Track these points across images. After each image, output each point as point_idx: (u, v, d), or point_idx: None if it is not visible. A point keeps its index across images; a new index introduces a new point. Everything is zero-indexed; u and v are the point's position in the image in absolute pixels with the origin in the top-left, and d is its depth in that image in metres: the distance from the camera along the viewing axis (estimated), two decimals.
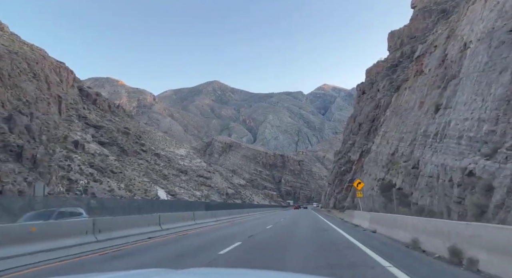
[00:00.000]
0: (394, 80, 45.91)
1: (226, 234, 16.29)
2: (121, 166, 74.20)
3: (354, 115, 65.80)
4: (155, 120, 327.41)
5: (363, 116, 55.70)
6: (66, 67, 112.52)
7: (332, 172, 71.95)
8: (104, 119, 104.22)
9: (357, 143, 53.39)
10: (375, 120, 49.43)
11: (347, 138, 64.66)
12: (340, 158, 66.61)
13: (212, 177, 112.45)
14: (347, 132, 67.85)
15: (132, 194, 57.39)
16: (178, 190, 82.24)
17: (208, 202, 58.45)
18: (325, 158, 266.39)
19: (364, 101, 58.23)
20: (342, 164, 61.59)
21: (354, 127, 60.48)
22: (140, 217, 16.59)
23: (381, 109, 45.34)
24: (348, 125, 69.03)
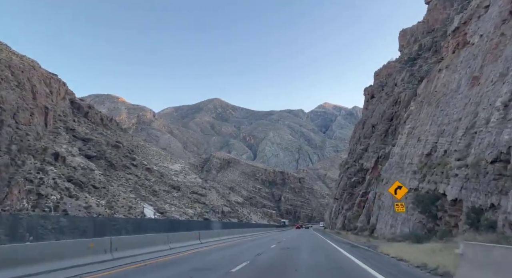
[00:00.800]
0: (415, 71, 41.48)
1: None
2: (106, 181, 68.72)
3: (362, 120, 60.10)
4: (154, 136, 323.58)
5: (376, 118, 50.09)
6: (58, 79, 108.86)
7: (339, 184, 62.73)
8: (94, 132, 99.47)
9: (371, 148, 47.03)
10: (393, 119, 43.80)
11: (354, 147, 58.72)
12: (349, 167, 58.85)
13: (208, 194, 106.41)
14: (354, 140, 61.31)
15: (112, 212, 51.65)
16: (168, 207, 76.29)
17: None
18: (327, 176, 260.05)
19: (375, 103, 53.31)
20: (352, 174, 54.17)
21: (366, 131, 54.32)
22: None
23: (402, 105, 40.18)
24: (355, 133, 63.12)
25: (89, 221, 22.27)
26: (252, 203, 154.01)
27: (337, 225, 56.02)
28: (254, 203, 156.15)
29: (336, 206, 60.87)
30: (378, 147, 44.60)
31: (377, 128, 48.82)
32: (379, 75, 59.94)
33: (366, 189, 42.76)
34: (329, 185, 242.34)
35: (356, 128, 65.21)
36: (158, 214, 69.72)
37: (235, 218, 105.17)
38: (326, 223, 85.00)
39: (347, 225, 45.91)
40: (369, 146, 48.77)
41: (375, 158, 42.85)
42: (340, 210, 56.27)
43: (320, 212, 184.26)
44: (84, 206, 46.93)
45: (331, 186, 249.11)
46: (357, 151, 55.10)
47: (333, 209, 65.28)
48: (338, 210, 58.46)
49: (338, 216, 57.35)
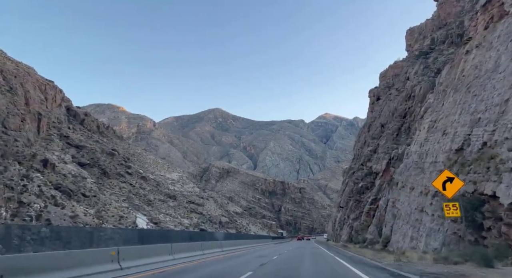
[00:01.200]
0: (430, 63, 38.92)
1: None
2: (98, 189, 65.93)
3: (368, 123, 57.12)
4: (153, 146, 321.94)
5: (385, 117, 46.84)
6: (55, 86, 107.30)
7: (344, 191, 57.03)
8: (89, 139, 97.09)
9: (382, 149, 43.00)
10: (407, 116, 40.41)
11: (359, 152, 55.01)
12: (355, 171, 53.76)
13: (205, 204, 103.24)
14: (359, 145, 57.29)
15: (101, 221, 48.74)
16: (163, 217, 73.21)
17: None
18: (328, 187, 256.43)
19: (383, 103, 50.56)
20: (359, 179, 49.03)
21: (374, 131, 50.40)
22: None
23: (417, 99, 36.98)
24: (360, 137, 59.71)
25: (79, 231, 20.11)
26: (251, 213, 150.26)
27: (342, 237, 50.67)
28: (253, 213, 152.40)
29: (341, 216, 55.31)
30: (389, 147, 40.46)
31: (387, 128, 44.89)
32: (385, 76, 57.47)
33: (376, 195, 38.48)
34: (330, 196, 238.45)
35: (360, 132, 61.92)
36: (152, 224, 66.69)
37: (233, 229, 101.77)
38: (329, 234, 79.22)
39: (354, 237, 41.08)
40: (379, 147, 44.51)
41: (386, 159, 38.65)
42: (345, 220, 50.96)
43: (321, 223, 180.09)
44: (70, 215, 44.08)
45: (332, 196, 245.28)
46: (364, 153, 50.30)
47: (337, 219, 59.90)
48: (343, 220, 53.05)
49: (343, 226, 51.99)
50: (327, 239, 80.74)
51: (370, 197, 41.07)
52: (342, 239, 49.77)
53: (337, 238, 57.61)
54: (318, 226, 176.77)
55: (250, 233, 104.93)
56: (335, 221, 63.71)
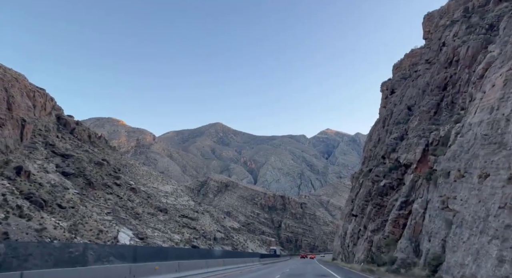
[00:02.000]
0: (475, 23, 32.25)
1: None
2: (79, 200, 60.32)
3: (381, 119, 49.46)
4: (152, 160, 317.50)
5: (414, 97, 39.19)
6: (45, 93, 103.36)
7: (358, 195, 45.81)
8: (79, 149, 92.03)
9: (413, 132, 33.90)
10: (449, 87, 32.53)
11: (370, 153, 47.14)
12: (375, 166, 42.46)
13: (199, 218, 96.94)
14: (372, 144, 49.54)
15: (73, 235, 42.96)
16: (150, 232, 67.16)
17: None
18: (330, 203, 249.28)
19: (404, 89, 43.67)
20: (381, 175, 38.54)
21: (398, 115, 42.02)
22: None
23: (463, 63, 29.74)
24: (372, 136, 51.97)
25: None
26: (249, 229, 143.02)
27: (357, 255, 39.37)
28: (252, 229, 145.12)
29: (354, 227, 43.57)
30: (425, 130, 31.17)
31: (418, 108, 36.43)
32: (400, 67, 52.29)
33: (407, 196, 29.64)
34: (332, 212, 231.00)
35: (372, 131, 55.23)
36: (137, 240, 60.65)
37: (229, 246, 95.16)
38: (335, 252, 67.20)
39: (376, 256, 31.19)
40: (408, 131, 35.69)
41: (421, 145, 29.80)
42: (361, 233, 40.39)
43: (324, 240, 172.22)
44: (36, 228, 38.44)
45: (335, 213, 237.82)
46: (386, 142, 40.50)
47: (348, 232, 47.56)
48: (357, 232, 42.16)
49: (357, 241, 41.13)
50: (332, 258, 68.34)
51: (398, 199, 31.48)
52: (357, 259, 38.21)
53: (349, 256, 45.97)
54: (320, 243, 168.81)
55: (247, 250, 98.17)
56: (345, 235, 51.88)
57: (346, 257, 49.35)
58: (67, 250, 18.23)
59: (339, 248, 57.96)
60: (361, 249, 38.24)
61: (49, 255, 14.06)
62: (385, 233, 31.10)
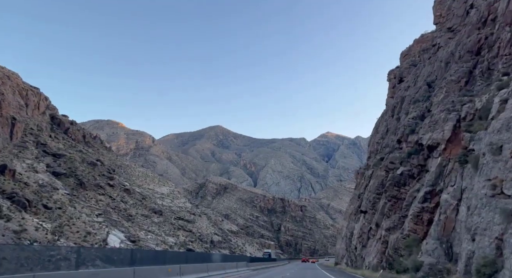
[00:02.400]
0: None
1: None
2: (68, 201, 57.61)
3: (389, 108, 45.64)
4: (151, 162, 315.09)
5: (437, 69, 34.72)
6: (39, 93, 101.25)
7: (367, 188, 39.43)
8: (72, 149, 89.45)
9: (439, 107, 28.70)
10: (483, 51, 28.16)
11: (377, 146, 43.03)
12: (389, 153, 36.48)
13: (196, 221, 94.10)
14: (378, 136, 45.43)
15: (56, 237, 40.24)
16: (143, 234, 64.39)
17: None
18: (330, 207, 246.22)
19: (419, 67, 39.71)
20: (397, 162, 32.50)
21: (415, 93, 37.13)
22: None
23: (503, 19, 25.03)
24: (380, 127, 47.07)
25: None
26: (248, 232, 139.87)
27: (367, 259, 33.72)
28: (250, 232, 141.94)
29: (364, 226, 37.42)
30: (455, 102, 25.98)
31: (443, 79, 31.13)
32: (408, 55, 49.41)
33: (432, 185, 24.70)
34: (333, 216, 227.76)
35: (378, 123, 51.46)
36: (129, 243, 57.87)
37: (227, 249, 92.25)
38: (338, 256, 60.86)
39: (394, 260, 25.95)
40: (432, 107, 29.69)
41: (451, 121, 24.70)
42: (372, 232, 34.42)
43: (324, 244, 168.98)
44: (14, 229, 35.75)
45: (335, 216, 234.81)
46: (402, 123, 34.28)
47: (356, 232, 41.00)
48: (367, 232, 36.03)
49: (367, 243, 35.35)
50: (335, 262, 61.88)
51: (421, 189, 26.34)
52: (368, 264, 32.18)
53: (356, 260, 39.80)
54: (321, 247, 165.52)
55: (245, 254, 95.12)
56: (351, 235, 44.98)
57: (352, 261, 42.69)
58: (48, 253, 15.67)
59: (343, 251, 52.21)
60: (372, 252, 32.24)
61: (27, 259, 13.22)
62: (405, 231, 25.94)
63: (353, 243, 42.62)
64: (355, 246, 40.65)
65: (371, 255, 32.24)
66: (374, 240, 33.35)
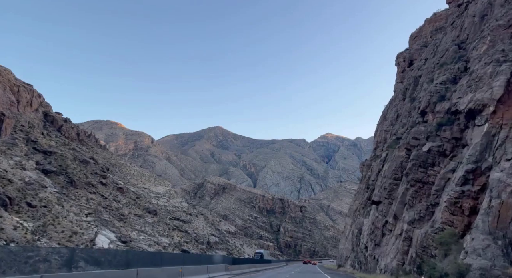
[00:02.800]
0: None
1: None
2: (55, 200, 54.84)
3: (397, 95, 42.02)
4: (150, 163, 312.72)
5: (454, 39, 30.36)
6: (32, 89, 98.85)
7: (380, 174, 33.56)
8: (64, 146, 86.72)
9: (482, 61, 23.26)
10: None
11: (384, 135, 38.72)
12: (409, 127, 30.54)
13: (193, 221, 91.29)
14: (385, 125, 40.89)
15: (37, 237, 37.49)
16: (136, 235, 61.60)
17: None
18: (330, 208, 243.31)
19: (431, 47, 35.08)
20: (422, 137, 26.92)
21: (441, 57, 31.71)
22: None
23: None
24: (388, 114, 42.88)
25: None
26: (247, 233, 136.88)
27: (383, 261, 27.55)
28: (249, 233, 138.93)
29: (376, 220, 30.94)
30: (507, 51, 21.14)
31: (480, 33, 25.18)
32: (419, 36, 46.41)
33: (476, 161, 19.42)
34: (333, 217, 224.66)
35: (386, 110, 47.97)
36: (119, 243, 55.07)
37: (224, 250, 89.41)
38: (341, 257, 55.77)
39: (423, 261, 20.37)
40: (470, 63, 24.12)
41: (504, 74, 19.38)
42: (388, 227, 28.43)
43: (324, 245, 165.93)
44: None
45: (335, 218, 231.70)
46: (427, 90, 28.45)
47: (366, 229, 34.52)
48: (381, 227, 29.76)
49: (382, 240, 29.38)
50: (338, 264, 56.80)
51: (458, 169, 21.19)
52: (385, 266, 26.17)
53: (367, 262, 33.35)
54: (321, 248, 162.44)
55: (244, 256, 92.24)
56: (359, 233, 38.67)
57: (361, 263, 36.16)
58: (25, 255, 14.57)
59: (347, 251, 46.78)
60: (390, 251, 26.11)
61: None
62: (436, 224, 20.19)
63: (362, 242, 36.11)
64: (365, 245, 34.12)
65: (389, 256, 26.20)
66: (392, 236, 27.04)
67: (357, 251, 38.01)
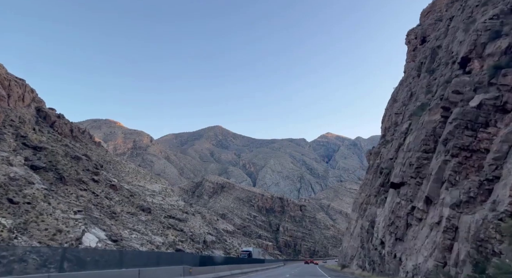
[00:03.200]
0: None
1: None
2: (42, 196, 52.09)
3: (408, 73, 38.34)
4: (149, 162, 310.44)
5: None
6: (24, 84, 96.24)
7: (402, 147, 27.17)
8: (56, 142, 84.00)
9: None
10: None
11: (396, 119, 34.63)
12: (445, 83, 23.26)
13: (189, 219, 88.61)
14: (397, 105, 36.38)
15: (14, 235, 34.78)
16: (127, 233, 58.89)
17: None
18: (330, 207, 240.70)
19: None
20: (467, 90, 19.59)
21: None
22: None
23: None
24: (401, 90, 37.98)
25: None
26: (245, 232, 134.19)
27: (410, 261, 20.33)
28: (248, 232, 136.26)
29: (398, 207, 23.79)
30: None
31: None
32: (432, 11, 43.40)
33: None
34: (333, 217, 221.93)
35: (396, 92, 44.20)
36: (110, 242, 52.36)
37: (221, 249, 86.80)
38: (344, 256, 50.35)
39: (487, 259, 13.03)
40: None
41: None
42: (416, 215, 21.21)
43: (324, 245, 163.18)
44: None
45: (335, 217, 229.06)
46: (475, 28, 21.22)
47: (380, 221, 27.68)
48: (404, 216, 22.62)
49: (405, 234, 22.22)
50: (342, 265, 50.78)
51: None
52: (411, 267, 19.49)
53: (383, 264, 25.69)
54: (321, 248, 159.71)
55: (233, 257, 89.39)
56: (370, 226, 31.18)
57: (374, 263, 28.67)
58: None
59: (352, 250, 40.97)
60: (423, 248, 18.85)
61: None
62: (500, 206, 13.40)
63: (376, 237, 28.06)
64: (381, 240, 26.20)
65: (420, 254, 19.09)
66: (423, 226, 19.82)
67: (368, 249, 30.64)
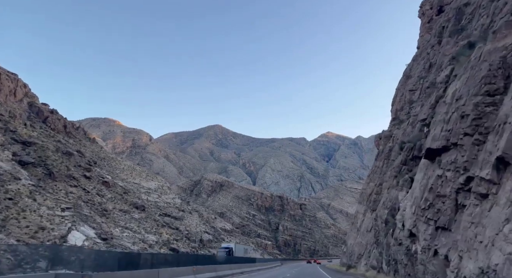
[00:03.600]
0: None
1: None
2: (28, 192, 49.37)
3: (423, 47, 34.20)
4: (148, 160, 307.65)
5: None
6: (16, 78, 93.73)
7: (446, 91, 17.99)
8: (48, 138, 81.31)
9: None
10: None
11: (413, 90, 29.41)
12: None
13: (185, 218, 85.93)
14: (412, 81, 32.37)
15: None
16: (119, 231, 56.16)
17: None
18: (330, 206, 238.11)
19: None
20: None
21: None
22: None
23: None
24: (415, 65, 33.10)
25: None
26: (244, 231, 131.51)
27: (464, 261, 10.69)
28: (246, 231, 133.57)
29: (435, 182, 15.20)
30: None
31: None
32: None
33: None
34: (334, 216, 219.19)
35: (409, 68, 40.50)
36: (99, 241, 49.61)
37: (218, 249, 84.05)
38: (349, 255, 45.42)
39: None
40: None
41: None
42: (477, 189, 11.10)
43: (325, 244, 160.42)
44: None
45: (336, 217, 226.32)
46: None
47: (406, 206, 19.01)
48: (447, 195, 13.95)
49: (456, 218, 12.94)
50: (347, 265, 44.95)
51: None
52: (471, 272, 9.99)
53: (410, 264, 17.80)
54: (321, 248, 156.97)
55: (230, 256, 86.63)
56: (390, 215, 23.68)
57: (396, 263, 20.96)
58: None
59: (360, 248, 35.15)
60: (496, 240, 9.10)
61: None
62: None
63: (400, 227, 19.77)
64: (410, 232, 17.85)
65: (494, 249, 9.23)
66: (493, 205, 10.17)
67: (387, 245, 22.77)
